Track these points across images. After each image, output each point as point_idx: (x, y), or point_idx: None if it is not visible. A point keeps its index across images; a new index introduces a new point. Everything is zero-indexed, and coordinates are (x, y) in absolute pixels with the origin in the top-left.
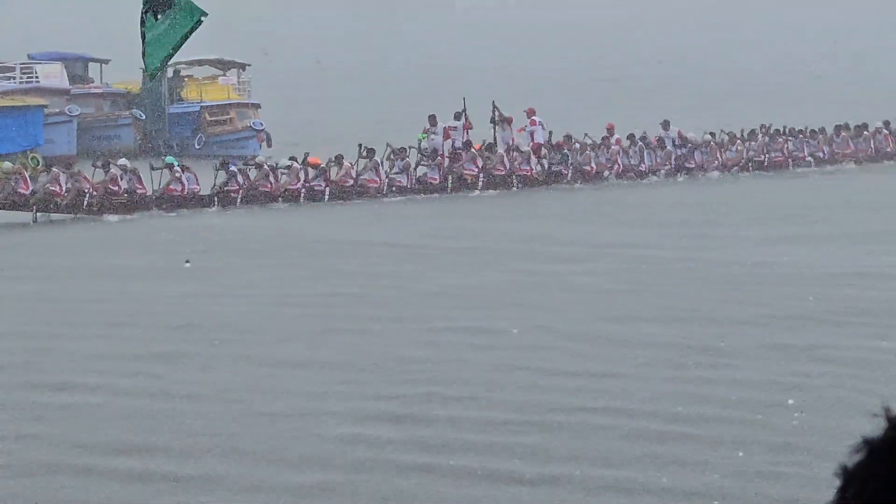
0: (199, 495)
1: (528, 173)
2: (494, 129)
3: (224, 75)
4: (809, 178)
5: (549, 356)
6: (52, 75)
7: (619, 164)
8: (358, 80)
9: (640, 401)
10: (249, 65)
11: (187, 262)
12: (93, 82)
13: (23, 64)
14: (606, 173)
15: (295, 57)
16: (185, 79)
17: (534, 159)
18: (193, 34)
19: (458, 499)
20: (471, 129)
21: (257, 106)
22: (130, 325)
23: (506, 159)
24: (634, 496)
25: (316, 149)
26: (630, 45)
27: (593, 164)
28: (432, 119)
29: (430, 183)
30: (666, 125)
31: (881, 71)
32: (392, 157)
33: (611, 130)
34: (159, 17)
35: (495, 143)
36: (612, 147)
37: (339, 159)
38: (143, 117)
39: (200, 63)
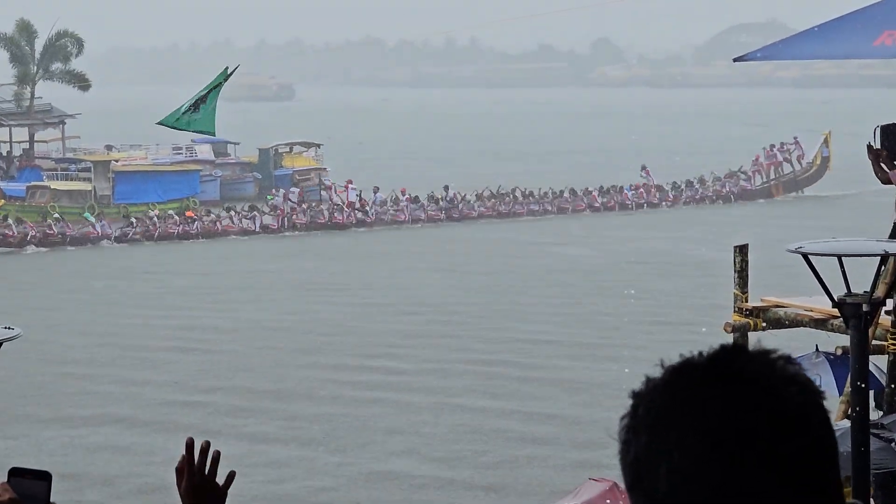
0: None
1: (342, 220)
2: (320, 192)
3: (307, 151)
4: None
5: None
6: (205, 152)
7: (406, 214)
8: (372, 155)
9: None
10: (322, 144)
11: None
12: (229, 156)
13: (187, 145)
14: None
15: (347, 139)
16: (284, 154)
17: (346, 211)
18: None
19: None
20: (304, 193)
21: (326, 169)
22: None
23: (325, 212)
24: None
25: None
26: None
27: (389, 215)
28: (276, 188)
29: (271, 228)
30: (446, 188)
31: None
32: (248, 209)
33: (403, 192)
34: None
35: (321, 200)
36: (402, 203)
37: (208, 212)
38: (260, 177)
39: (294, 145)
